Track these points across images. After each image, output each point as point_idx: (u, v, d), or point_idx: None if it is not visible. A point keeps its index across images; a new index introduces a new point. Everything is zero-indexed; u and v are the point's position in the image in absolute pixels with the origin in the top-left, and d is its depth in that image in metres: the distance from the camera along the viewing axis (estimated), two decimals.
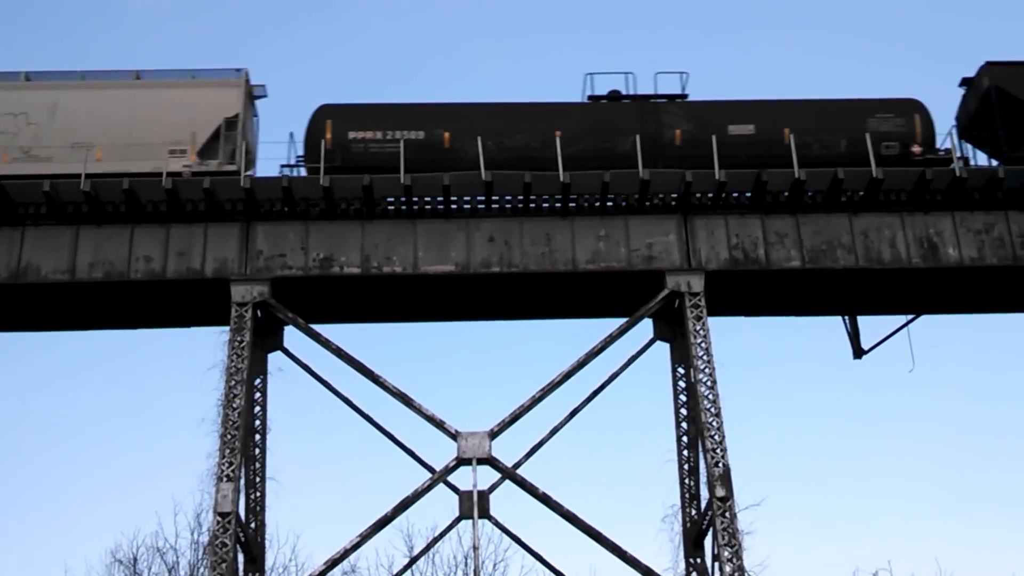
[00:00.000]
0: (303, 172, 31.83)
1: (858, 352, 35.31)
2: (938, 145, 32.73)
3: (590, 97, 33.61)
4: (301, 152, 32.14)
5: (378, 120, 32.32)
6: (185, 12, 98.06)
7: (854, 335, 35.38)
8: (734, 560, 28.16)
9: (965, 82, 33.82)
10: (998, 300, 33.73)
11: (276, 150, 32.47)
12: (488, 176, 30.83)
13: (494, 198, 31.38)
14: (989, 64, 33.17)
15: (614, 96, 33.48)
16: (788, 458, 66.26)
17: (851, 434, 72.78)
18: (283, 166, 32.00)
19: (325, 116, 32.09)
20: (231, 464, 28.86)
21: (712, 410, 29.57)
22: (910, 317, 34.47)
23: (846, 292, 33.03)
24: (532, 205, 31.57)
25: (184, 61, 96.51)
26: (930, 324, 40.45)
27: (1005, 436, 71.58)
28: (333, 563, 28.73)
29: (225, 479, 28.67)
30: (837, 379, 77.67)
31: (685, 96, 33.47)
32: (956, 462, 71.91)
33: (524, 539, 31.07)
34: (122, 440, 71.43)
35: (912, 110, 32.82)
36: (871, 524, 63.13)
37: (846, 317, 35.36)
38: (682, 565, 30.59)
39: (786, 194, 31.56)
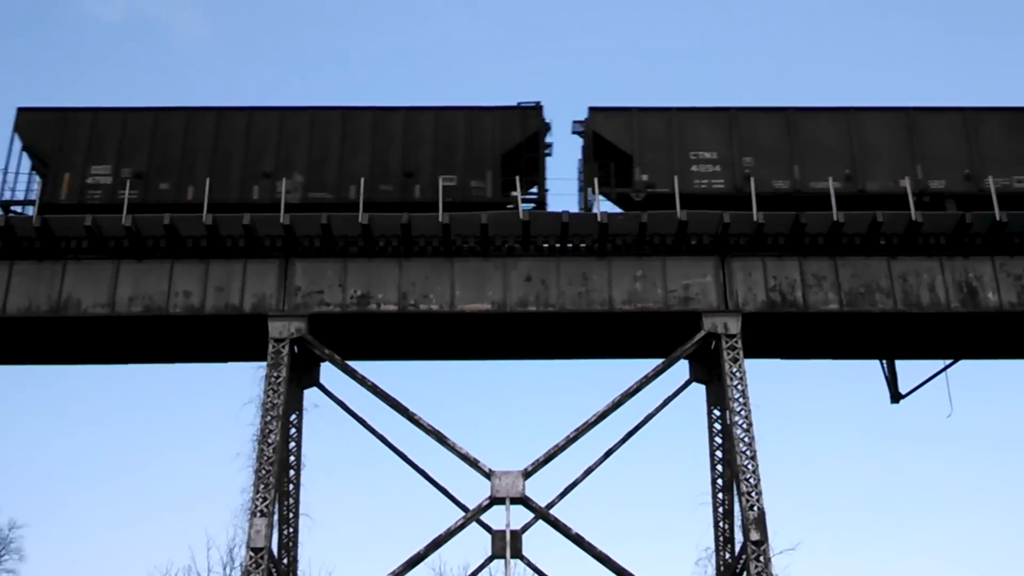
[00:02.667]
0: None
1: (896, 396, 35.11)
2: None
3: None
4: None
5: None
6: (229, 46, 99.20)
7: (892, 379, 35.20)
8: None
9: None
10: None
11: None
12: (525, 216, 30.92)
13: (532, 238, 31.45)
14: None
15: None
16: (824, 502, 65.84)
17: (888, 479, 72.20)
18: None
19: None
20: (265, 499, 28.92)
21: (748, 453, 29.39)
22: (948, 362, 34.26)
23: (884, 336, 32.79)
24: (569, 245, 31.61)
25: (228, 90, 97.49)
26: (969, 369, 40.09)
27: None
28: None
29: (259, 514, 28.72)
30: (874, 423, 77.19)
31: None
32: (993, 509, 71.17)
33: None
34: (158, 473, 71.83)
35: None
36: (907, 570, 62.48)
37: (884, 361, 35.17)
38: None
39: (824, 236, 31.47)
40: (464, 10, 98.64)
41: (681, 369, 31.62)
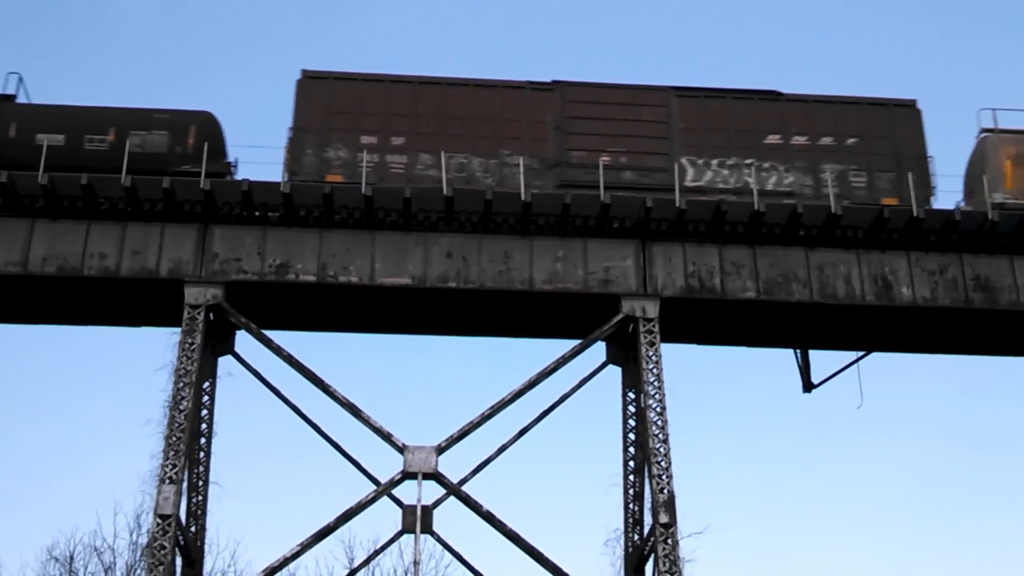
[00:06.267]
0: None
1: (808, 386, 35.53)
2: None
3: None
4: None
5: None
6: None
7: (805, 369, 35.60)
8: None
9: None
10: (949, 341, 33.99)
11: None
12: (449, 191, 30.82)
13: (454, 214, 31.37)
14: None
15: None
16: (734, 488, 66.59)
17: (797, 467, 73.33)
18: None
19: None
20: (174, 466, 28.63)
21: (660, 436, 29.63)
22: (861, 354, 34.71)
23: (799, 325, 33.20)
24: (492, 223, 31.58)
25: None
26: (881, 362, 40.79)
27: (949, 475, 72.38)
28: (272, 571, 28.52)
29: (167, 481, 28.44)
30: (786, 411, 78.28)
31: None
32: (899, 498, 72.58)
33: (466, 556, 31.01)
34: (64, 437, 70.80)
35: None
36: (814, 558, 63.54)
37: (798, 350, 35.57)
38: None
39: (744, 225, 31.74)
40: None
41: (598, 351, 31.82)
